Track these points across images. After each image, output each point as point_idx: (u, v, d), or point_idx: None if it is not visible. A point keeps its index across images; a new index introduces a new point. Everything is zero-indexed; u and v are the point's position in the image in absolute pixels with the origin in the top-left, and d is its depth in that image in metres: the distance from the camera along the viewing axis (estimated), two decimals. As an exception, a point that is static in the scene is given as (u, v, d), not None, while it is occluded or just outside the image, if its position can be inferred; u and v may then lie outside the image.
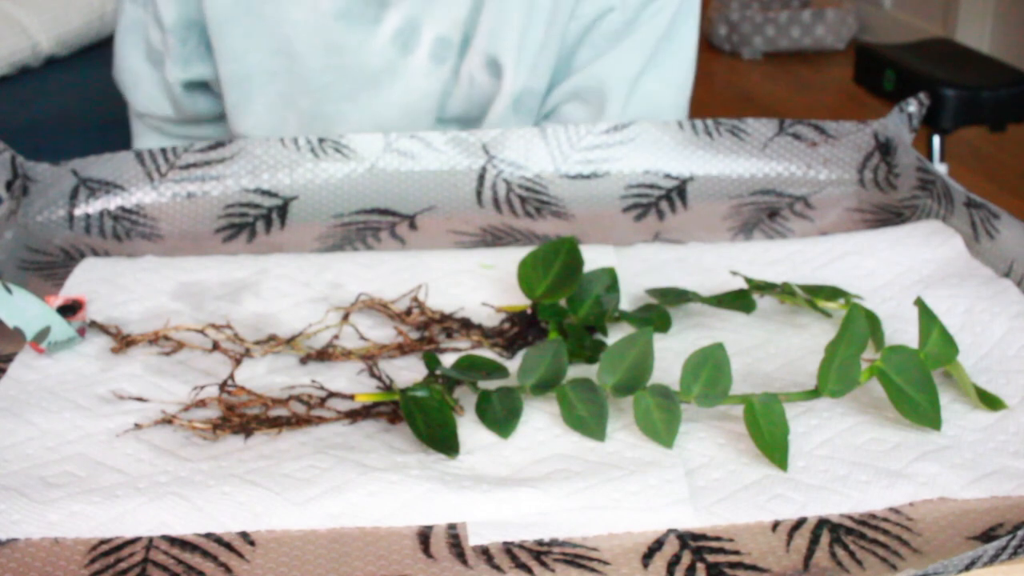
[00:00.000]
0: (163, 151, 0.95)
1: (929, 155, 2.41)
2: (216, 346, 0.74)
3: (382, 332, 0.77)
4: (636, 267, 0.83)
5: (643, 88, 1.06)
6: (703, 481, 0.61)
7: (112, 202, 0.93)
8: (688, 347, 0.68)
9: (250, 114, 1.06)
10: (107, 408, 0.68)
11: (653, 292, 0.79)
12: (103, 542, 0.57)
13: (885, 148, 0.98)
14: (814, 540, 0.57)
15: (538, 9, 1.02)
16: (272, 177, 0.95)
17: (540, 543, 0.57)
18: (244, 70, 1.04)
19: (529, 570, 0.55)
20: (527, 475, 0.62)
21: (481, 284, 0.82)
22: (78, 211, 0.93)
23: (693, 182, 0.98)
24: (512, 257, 0.81)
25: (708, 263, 0.84)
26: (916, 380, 0.65)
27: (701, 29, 1.11)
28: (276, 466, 0.62)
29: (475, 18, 1.03)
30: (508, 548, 0.57)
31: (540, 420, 0.67)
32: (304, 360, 0.73)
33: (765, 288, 0.78)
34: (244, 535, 0.58)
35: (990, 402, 0.67)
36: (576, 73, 1.06)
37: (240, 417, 0.66)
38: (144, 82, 1.09)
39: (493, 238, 0.91)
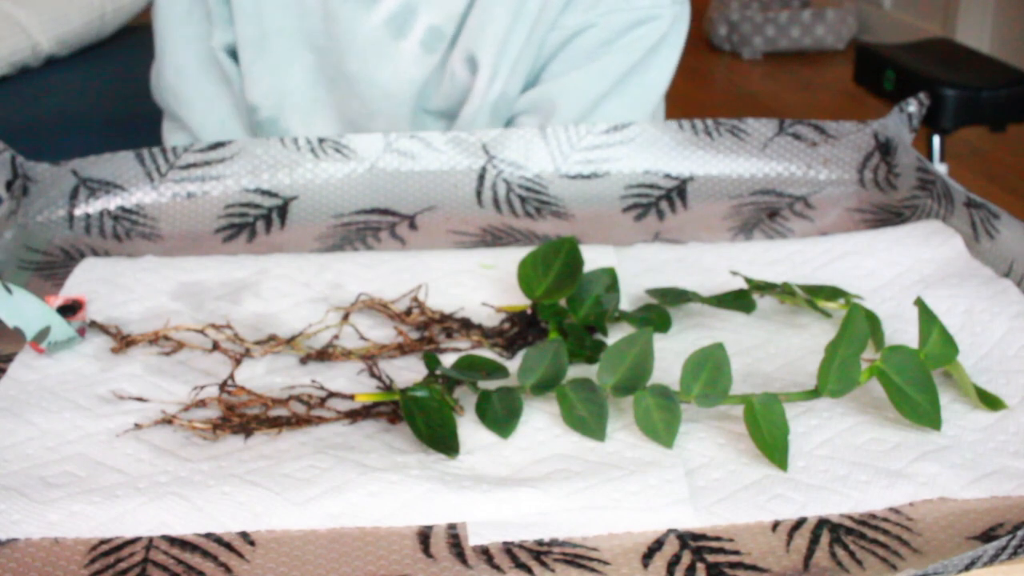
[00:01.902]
0: (163, 151, 0.95)
1: (929, 155, 2.41)
2: (216, 346, 0.74)
3: (382, 332, 0.77)
4: (636, 267, 0.83)
5: (602, 110, 1.06)
6: (703, 481, 0.61)
7: (112, 202, 0.93)
8: (688, 347, 0.68)
9: (261, 74, 1.06)
10: (107, 408, 0.68)
11: (653, 292, 0.79)
12: (103, 542, 0.57)
13: (885, 148, 0.98)
14: (814, 540, 0.57)
15: (524, 13, 1.02)
16: (272, 177, 0.95)
17: (540, 543, 0.57)
18: (259, 29, 1.05)
19: (529, 570, 0.55)
20: (527, 475, 0.62)
21: (481, 284, 0.82)
22: (78, 211, 0.93)
23: (693, 182, 0.98)
24: (512, 257, 0.81)
25: (708, 263, 0.84)
26: (916, 380, 0.65)
27: (701, 29, 1.11)
28: (276, 466, 0.62)
29: (470, 11, 1.03)
30: (508, 548, 0.57)
31: (540, 420, 0.67)
32: (304, 360, 0.73)
33: (765, 288, 0.78)
34: (244, 535, 0.58)
35: (990, 402, 0.67)
36: (540, 84, 1.07)
37: (240, 417, 0.66)
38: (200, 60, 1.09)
39: (493, 238, 0.91)
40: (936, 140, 2.42)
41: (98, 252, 0.89)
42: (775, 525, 0.58)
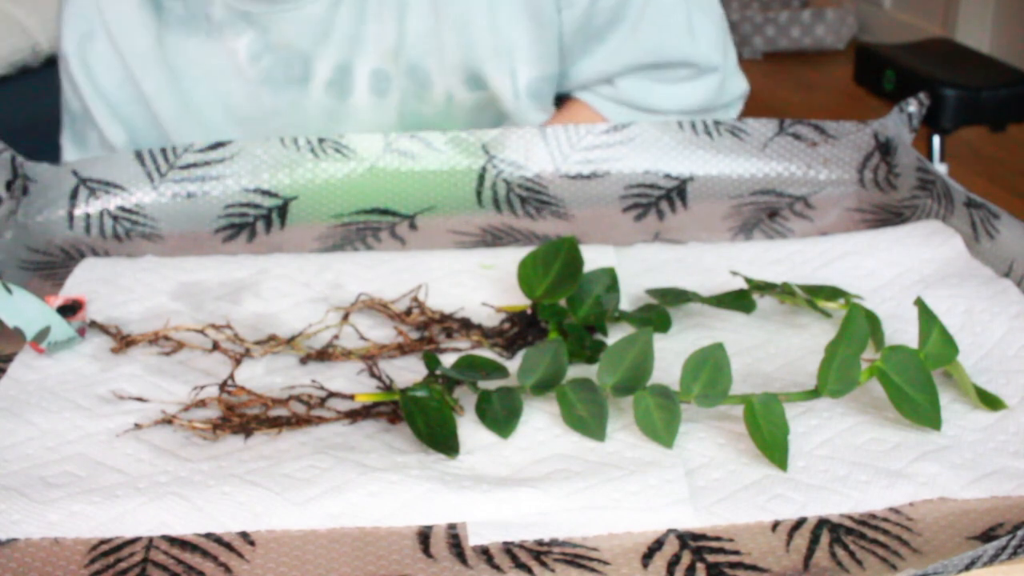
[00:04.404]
0: (163, 151, 0.95)
1: (929, 155, 2.41)
2: (216, 346, 0.74)
3: (382, 332, 0.77)
4: (636, 267, 0.83)
5: (694, 24, 1.05)
6: (703, 481, 0.61)
7: (112, 202, 0.93)
8: (688, 347, 0.68)
9: (190, 131, 1.05)
10: (107, 408, 0.68)
11: (653, 292, 0.79)
12: (103, 542, 0.57)
13: (885, 148, 0.98)
14: (814, 540, 0.57)
15: (514, 9, 1.01)
16: (272, 177, 0.95)
17: (540, 543, 0.57)
18: (213, 132, 1.04)
19: (529, 570, 0.55)
20: (527, 475, 0.62)
21: (481, 284, 0.82)
22: (78, 211, 0.93)
23: (693, 182, 0.98)
24: (512, 257, 0.81)
25: (708, 263, 0.84)
26: (916, 380, 0.65)
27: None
28: (276, 466, 0.62)
29: (403, 44, 1.02)
30: (508, 548, 0.57)
31: (540, 420, 0.67)
32: (304, 360, 0.73)
33: (765, 288, 0.78)
34: (244, 535, 0.58)
35: (990, 402, 0.67)
36: (630, 49, 1.05)
37: (240, 417, 0.66)
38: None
39: (493, 238, 0.91)
40: (936, 140, 2.42)
41: (98, 252, 0.89)
42: (775, 525, 0.58)
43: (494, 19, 1.01)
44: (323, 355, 0.73)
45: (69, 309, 0.76)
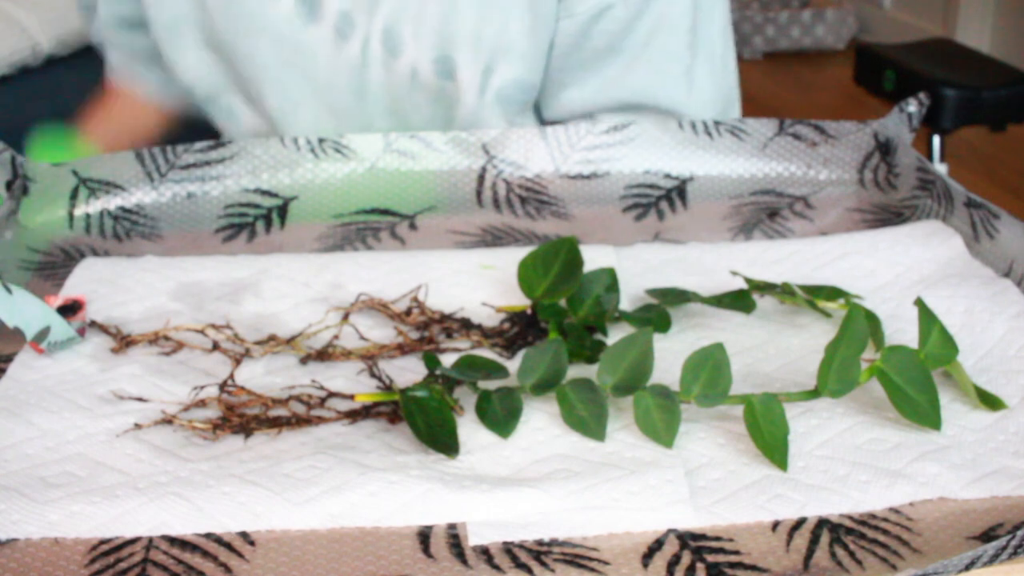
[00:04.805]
0: (163, 151, 0.95)
1: (929, 155, 2.41)
2: (216, 346, 0.74)
3: (382, 332, 0.77)
4: (636, 267, 0.83)
5: (698, 80, 1.04)
6: (703, 481, 0.61)
7: (112, 202, 0.93)
8: (688, 347, 0.68)
9: (180, 57, 1.07)
10: (107, 408, 0.68)
11: (653, 292, 0.79)
12: (103, 542, 0.57)
13: (885, 148, 0.98)
14: (814, 540, 0.57)
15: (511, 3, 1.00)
16: (272, 177, 0.95)
17: (540, 543, 0.57)
18: (168, 13, 1.05)
19: (529, 570, 0.55)
20: (527, 475, 0.62)
21: (481, 284, 0.82)
22: (78, 211, 0.93)
23: (693, 182, 0.98)
24: (512, 257, 0.81)
25: (708, 263, 0.84)
26: (916, 380, 0.65)
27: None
28: (276, 466, 0.62)
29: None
30: (508, 548, 0.57)
31: (540, 420, 0.67)
32: (304, 360, 0.73)
33: (765, 288, 0.78)
34: (244, 535, 0.58)
35: (990, 402, 0.67)
36: (621, 85, 1.03)
37: (240, 417, 0.66)
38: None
39: (493, 238, 0.91)
40: (936, 140, 2.42)
41: (98, 252, 0.89)
42: (775, 525, 0.58)
43: (487, 3, 1.00)
44: (323, 355, 0.73)
45: (69, 309, 0.76)
